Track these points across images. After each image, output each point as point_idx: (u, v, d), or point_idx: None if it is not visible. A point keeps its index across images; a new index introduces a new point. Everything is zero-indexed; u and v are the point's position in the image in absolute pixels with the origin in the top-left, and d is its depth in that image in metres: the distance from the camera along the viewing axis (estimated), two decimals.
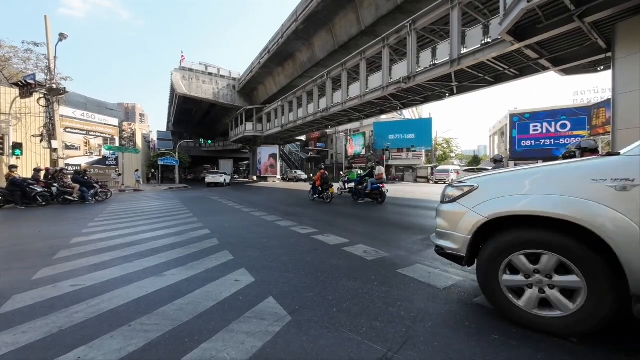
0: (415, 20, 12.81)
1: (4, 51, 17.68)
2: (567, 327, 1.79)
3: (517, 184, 2.03)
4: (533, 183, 1.97)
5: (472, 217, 2.10)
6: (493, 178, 2.24)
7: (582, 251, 1.72)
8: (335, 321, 2.07)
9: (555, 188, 1.84)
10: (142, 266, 3.39)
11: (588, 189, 1.72)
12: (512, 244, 1.95)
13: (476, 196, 2.15)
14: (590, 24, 8.26)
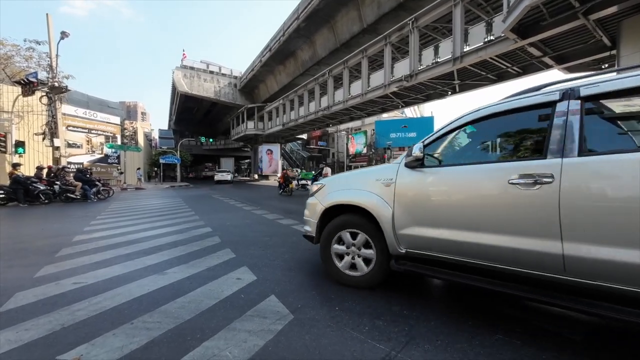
0: (418, 17, 12.72)
1: (6, 49, 17.71)
2: (361, 282, 2.59)
3: (343, 182, 2.85)
4: (349, 181, 2.78)
5: (319, 207, 2.86)
6: (333, 178, 3.05)
7: (374, 231, 2.46)
8: (337, 320, 2.06)
9: (358, 185, 2.63)
10: (144, 264, 3.39)
11: (374, 185, 2.48)
12: (341, 224, 2.69)
13: (323, 191, 2.92)
14: (595, 21, 8.17)
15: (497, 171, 1.90)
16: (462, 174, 2.07)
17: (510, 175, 1.80)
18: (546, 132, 1.77)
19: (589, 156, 1.61)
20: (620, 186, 1.49)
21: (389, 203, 2.34)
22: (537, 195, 1.70)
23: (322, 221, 2.84)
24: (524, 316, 2.10)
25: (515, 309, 2.20)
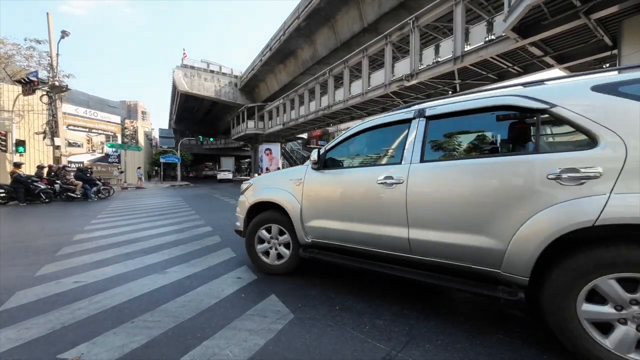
0: (418, 17, 12.69)
1: (7, 48, 17.71)
2: (281, 270, 2.91)
3: (266, 182, 3.14)
4: (271, 181, 3.09)
5: (246, 204, 3.13)
6: (259, 178, 3.33)
7: (289, 224, 2.77)
8: (338, 319, 2.06)
9: (277, 184, 2.95)
10: (144, 263, 3.39)
11: (288, 184, 2.82)
12: (264, 219, 2.97)
13: (250, 190, 3.19)
14: (596, 21, 8.15)
15: (371, 173, 2.31)
16: (348, 175, 2.52)
17: (378, 177, 2.22)
18: (404, 142, 2.22)
19: (426, 162, 2.07)
20: (445, 184, 1.97)
21: (298, 199, 2.70)
22: (393, 193, 2.13)
23: (249, 217, 3.14)
24: (524, 316, 2.10)
25: (515, 309, 2.20)
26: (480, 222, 1.79)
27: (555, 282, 1.55)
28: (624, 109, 1.52)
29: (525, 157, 1.73)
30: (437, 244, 1.95)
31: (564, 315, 1.51)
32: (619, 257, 1.40)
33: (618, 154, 1.46)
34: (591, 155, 1.53)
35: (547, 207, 1.58)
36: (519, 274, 1.67)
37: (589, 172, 1.50)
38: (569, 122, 1.65)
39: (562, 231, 1.51)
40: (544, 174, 1.61)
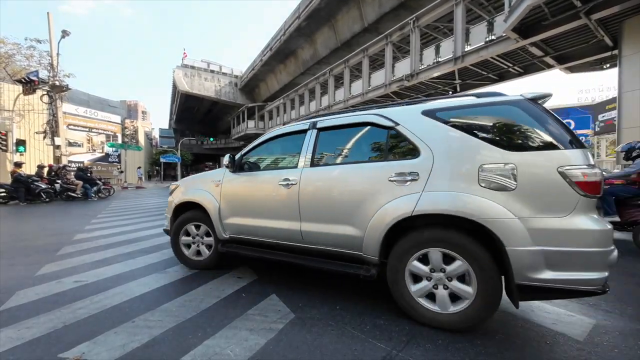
0: (419, 17, 12.70)
1: (7, 48, 17.73)
2: (203, 265, 3.09)
3: (191, 183, 3.30)
4: (195, 182, 3.24)
5: (172, 204, 3.29)
6: (186, 179, 3.48)
7: (210, 221, 2.96)
8: (338, 319, 2.07)
9: (200, 185, 3.15)
10: (144, 262, 3.40)
11: (209, 185, 3.03)
12: (183, 220, 3.16)
13: (177, 191, 3.36)
14: (597, 21, 8.15)
15: (274, 176, 2.63)
16: (258, 178, 2.82)
17: (280, 179, 2.55)
18: (300, 149, 2.58)
19: (314, 167, 2.47)
20: (325, 185, 2.38)
21: (217, 199, 2.93)
22: (290, 193, 2.48)
23: (175, 216, 3.31)
24: (525, 316, 2.10)
25: (516, 308, 2.20)
26: (348, 215, 2.21)
27: (394, 254, 2.05)
28: (436, 129, 2.04)
29: (376, 164, 2.22)
30: (320, 234, 2.36)
31: (397, 275, 2.04)
32: (429, 237, 1.93)
33: (429, 163, 1.97)
34: (415, 163, 2.02)
35: (388, 202, 2.04)
36: (371, 255, 2.12)
37: (412, 177, 1.99)
38: (405, 138, 2.13)
39: (394, 220, 1.98)
40: (387, 177, 2.07)
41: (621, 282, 2.74)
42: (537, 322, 2.00)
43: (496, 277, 1.76)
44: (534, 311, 2.16)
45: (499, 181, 1.77)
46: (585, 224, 1.64)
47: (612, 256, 1.67)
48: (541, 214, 1.69)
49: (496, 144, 1.84)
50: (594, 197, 1.68)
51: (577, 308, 2.22)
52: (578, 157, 1.69)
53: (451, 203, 1.84)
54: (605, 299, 2.38)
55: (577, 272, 1.63)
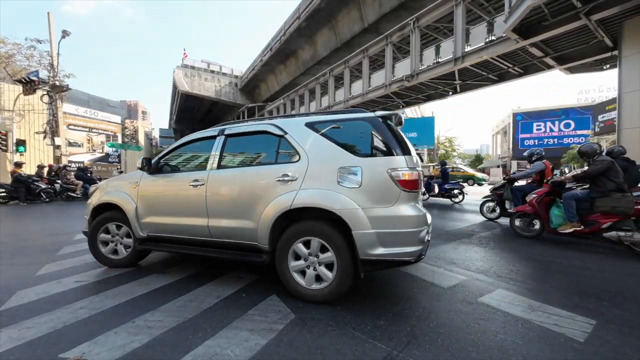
0: (419, 17, 12.71)
1: (7, 48, 17.73)
2: (122, 264, 3.17)
3: (109, 185, 3.38)
4: (114, 184, 3.34)
5: (91, 206, 3.35)
6: (105, 181, 3.55)
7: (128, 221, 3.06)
8: (339, 319, 2.06)
9: (118, 186, 3.26)
10: (145, 262, 3.39)
11: (127, 186, 3.18)
12: (101, 220, 3.22)
13: (97, 193, 3.40)
14: (597, 22, 8.16)
15: (186, 177, 2.88)
16: (172, 179, 3.02)
17: (190, 180, 2.80)
18: (210, 153, 2.85)
19: (220, 169, 2.75)
20: (227, 185, 2.66)
21: (134, 200, 3.07)
22: (199, 193, 2.73)
23: (93, 217, 3.35)
24: (525, 317, 2.10)
25: (516, 308, 2.20)
26: (246, 211, 2.53)
27: (281, 241, 2.39)
28: (312, 138, 2.48)
29: (268, 167, 2.57)
30: (225, 228, 2.64)
31: (282, 255, 2.39)
32: (307, 227, 2.33)
33: (305, 166, 2.39)
34: (295, 166, 2.43)
35: (274, 199, 2.40)
36: (264, 243, 2.45)
37: (293, 177, 2.38)
38: (290, 145, 2.52)
39: (277, 213, 2.35)
40: (275, 178, 2.44)
41: (621, 283, 2.74)
42: (538, 323, 2.00)
43: (350, 266, 2.20)
44: (534, 312, 2.16)
45: (350, 180, 2.25)
46: (405, 211, 2.17)
47: (422, 234, 2.20)
48: (376, 204, 2.18)
49: (350, 150, 2.34)
50: (412, 192, 2.21)
51: (578, 309, 2.22)
52: (402, 161, 2.22)
53: (318, 198, 2.28)
54: (606, 299, 2.38)
55: (400, 248, 2.15)
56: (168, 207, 2.96)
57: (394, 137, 2.32)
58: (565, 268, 3.19)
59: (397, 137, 2.33)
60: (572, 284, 2.73)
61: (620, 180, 3.82)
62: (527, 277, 2.93)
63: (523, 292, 2.53)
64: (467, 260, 3.45)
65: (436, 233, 4.88)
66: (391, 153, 2.24)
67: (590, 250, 3.98)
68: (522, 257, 3.63)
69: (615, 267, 3.27)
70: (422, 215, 2.22)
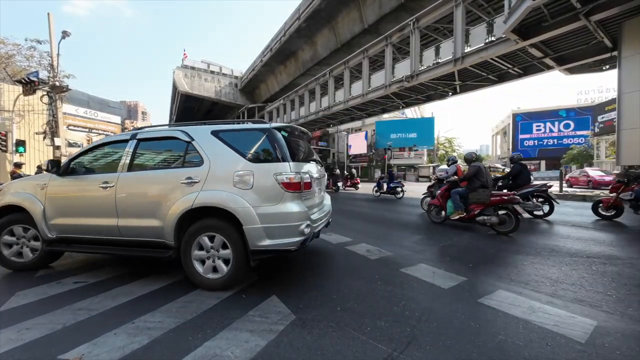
0: (419, 18, 12.73)
1: (7, 48, 17.72)
2: (34, 265, 3.17)
3: (15, 187, 3.37)
4: (20, 185, 3.35)
5: None
6: (10, 182, 3.71)
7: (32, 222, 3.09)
8: (339, 320, 2.06)
9: (24, 188, 3.26)
10: (144, 263, 3.38)
11: (34, 188, 3.17)
12: (7, 221, 3.18)
13: (4, 191, 3.41)
14: (596, 23, 8.17)
15: (97, 179, 2.97)
16: (82, 181, 3.09)
17: (100, 182, 2.92)
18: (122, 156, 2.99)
19: (130, 171, 2.90)
20: (137, 187, 2.85)
21: (41, 201, 3.09)
22: (108, 193, 2.86)
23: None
24: (526, 317, 2.09)
25: (517, 309, 2.20)
26: (153, 210, 2.72)
27: (185, 239, 2.62)
28: (215, 145, 2.74)
29: (175, 170, 2.80)
30: (134, 228, 2.81)
31: (186, 248, 2.61)
32: (207, 223, 2.61)
33: (207, 170, 2.65)
34: (198, 169, 2.68)
35: (179, 199, 2.63)
36: (170, 240, 2.67)
37: (196, 179, 2.64)
38: (196, 150, 2.76)
39: (181, 212, 2.58)
40: (180, 180, 2.68)
41: (622, 284, 2.73)
42: (539, 324, 2.00)
43: (243, 256, 2.52)
44: (535, 312, 2.16)
45: (244, 182, 2.57)
46: (287, 209, 2.55)
47: (302, 227, 2.55)
48: (264, 203, 2.53)
49: (246, 157, 2.66)
50: (295, 192, 2.59)
51: (579, 309, 2.22)
52: (286, 167, 2.60)
53: (216, 198, 2.56)
54: (607, 300, 2.38)
55: (283, 239, 2.52)
56: (78, 208, 3.02)
57: (283, 146, 2.69)
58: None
59: (286, 146, 2.70)
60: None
61: (484, 179, 5.15)
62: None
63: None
64: (466, 261, 3.44)
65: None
66: (278, 159, 2.62)
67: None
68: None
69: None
70: (303, 212, 2.60)
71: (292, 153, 2.71)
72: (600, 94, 38.01)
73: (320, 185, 3.38)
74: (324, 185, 3.70)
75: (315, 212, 3.00)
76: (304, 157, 2.97)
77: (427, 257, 3.58)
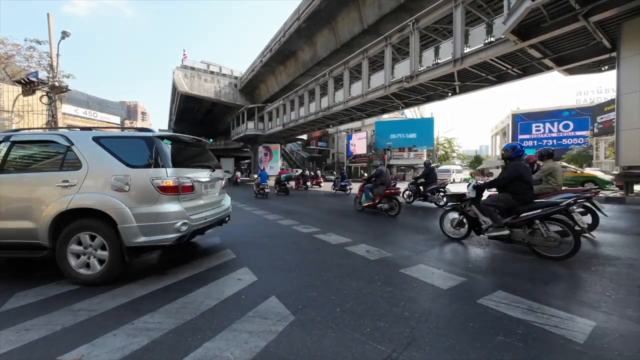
0: (418, 19, 12.73)
1: (7, 49, 17.71)
2: None
3: None
4: None
5: None
6: None
7: None
8: (338, 321, 2.06)
9: None
10: (144, 264, 3.38)
11: None
12: None
13: None
14: (595, 23, 8.18)
15: None
16: None
17: None
18: None
19: (3, 173, 2.95)
20: (9, 189, 2.93)
21: None
22: None
23: None
24: (525, 318, 2.10)
25: (515, 310, 2.20)
26: (27, 212, 2.83)
27: (61, 237, 2.75)
28: (95, 150, 2.91)
29: (52, 173, 2.92)
30: (6, 230, 2.86)
31: (62, 247, 2.75)
32: (83, 223, 2.78)
33: (85, 173, 2.83)
34: (76, 173, 2.84)
35: (54, 201, 2.76)
36: (44, 241, 2.79)
37: (72, 182, 2.80)
38: (75, 155, 2.90)
39: (55, 214, 2.73)
40: (56, 183, 2.82)
41: (621, 284, 2.74)
42: (538, 325, 2.00)
43: (118, 253, 2.74)
44: (534, 313, 2.16)
45: (120, 186, 2.78)
46: (163, 209, 2.83)
47: (177, 225, 2.84)
48: (141, 204, 2.78)
49: (125, 162, 2.86)
50: (171, 195, 2.88)
51: (577, 310, 2.22)
52: (162, 172, 2.86)
53: (90, 200, 2.75)
54: (606, 301, 2.38)
55: (158, 236, 2.80)
56: None
57: (163, 153, 2.93)
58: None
59: (167, 153, 2.97)
60: None
61: (384, 179, 7.20)
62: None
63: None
64: (466, 261, 3.44)
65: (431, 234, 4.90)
66: (158, 165, 2.87)
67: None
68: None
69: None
70: (179, 212, 2.90)
71: (176, 160, 3.02)
72: (599, 94, 38.06)
73: (213, 187, 3.67)
74: (221, 188, 3.97)
75: (201, 212, 3.28)
76: (191, 163, 3.37)
77: (427, 258, 3.58)
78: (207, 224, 3.37)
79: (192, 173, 3.21)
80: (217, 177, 3.81)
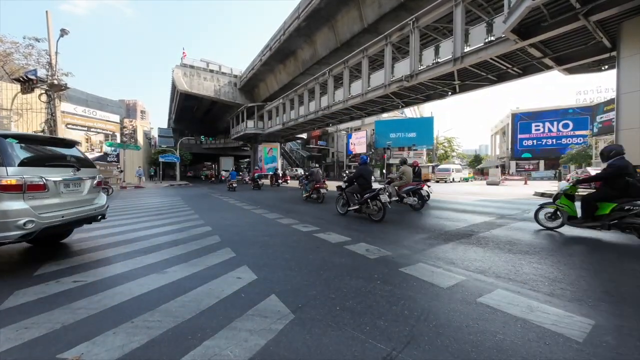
0: (418, 17, 12.71)
1: (6, 46, 17.65)
2: None
3: None
4: None
5: None
6: None
7: None
8: (338, 319, 2.06)
9: None
10: (144, 263, 3.38)
11: None
12: None
13: None
14: (595, 23, 8.17)
15: None
16: None
17: None
18: None
19: None
20: None
21: None
22: None
23: None
24: (524, 317, 2.10)
25: (515, 309, 2.20)
26: None
27: None
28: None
29: None
30: None
31: None
32: None
33: None
34: None
35: None
36: None
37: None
38: None
39: None
40: None
41: (621, 283, 2.75)
42: (537, 323, 2.01)
43: None
44: (533, 312, 2.17)
45: None
46: (2, 207, 2.86)
47: (19, 223, 2.88)
48: None
49: None
50: (12, 193, 2.93)
51: (577, 309, 2.23)
52: (3, 171, 2.92)
53: None
54: (605, 299, 2.39)
55: None
56: None
57: (3, 152, 2.99)
58: None
59: (8, 152, 3.02)
60: None
61: (316, 177, 10.13)
62: None
63: (522, 292, 2.53)
64: (466, 260, 3.46)
65: (436, 233, 4.91)
66: (1, 164, 2.94)
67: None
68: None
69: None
70: (21, 210, 2.95)
71: (28, 159, 3.13)
72: (599, 94, 38.05)
73: (78, 186, 3.71)
74: (91, 187, 3.98)
75: (57, 210, 3.32)
76: (49, 163, 3.40)
77: (426, 257, 3.59)
78: (66, 221, 3.39)
79: (46, 172, 3.26)
80: (84, 177, 3.83)
